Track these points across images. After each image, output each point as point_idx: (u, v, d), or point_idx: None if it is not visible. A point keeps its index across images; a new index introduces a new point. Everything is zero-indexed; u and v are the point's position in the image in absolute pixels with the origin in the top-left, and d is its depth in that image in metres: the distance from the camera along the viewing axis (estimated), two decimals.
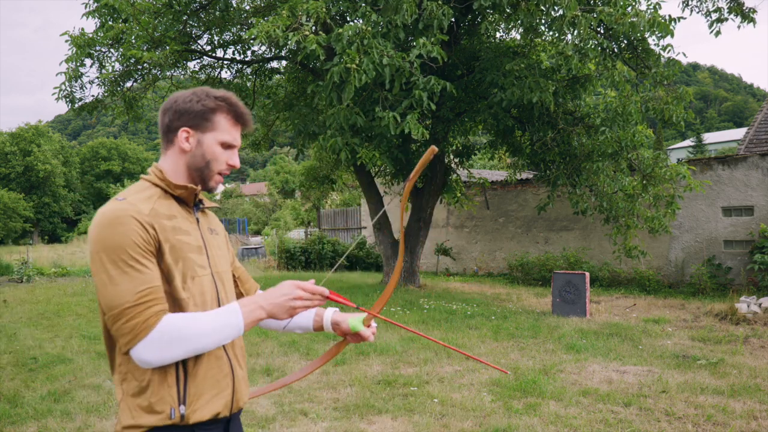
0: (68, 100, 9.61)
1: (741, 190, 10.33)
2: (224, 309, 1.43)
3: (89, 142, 56.88)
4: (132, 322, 1.33)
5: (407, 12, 7.01)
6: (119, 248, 1.35)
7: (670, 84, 8.34)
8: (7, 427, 4.05)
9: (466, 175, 12.60)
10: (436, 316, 7.85)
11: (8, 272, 15.13)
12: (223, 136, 1.54)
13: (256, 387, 3.46)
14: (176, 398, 1.40)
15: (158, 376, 1.39)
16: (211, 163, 1.53)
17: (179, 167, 1.54)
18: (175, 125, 1.52)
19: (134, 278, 1.34)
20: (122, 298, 1.33)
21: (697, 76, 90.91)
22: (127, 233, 1.36)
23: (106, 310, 1.35)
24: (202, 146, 1.52)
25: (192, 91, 1.55)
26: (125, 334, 1.33)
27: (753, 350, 5.92)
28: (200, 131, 1.52)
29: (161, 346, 1.34)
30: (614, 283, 11.14)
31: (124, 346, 1.35)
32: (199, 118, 1.52)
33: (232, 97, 1.55)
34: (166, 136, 1.55)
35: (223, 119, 1.54)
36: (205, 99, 1.53)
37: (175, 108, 1.52)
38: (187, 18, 9.58)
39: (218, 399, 1.47)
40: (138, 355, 1.34)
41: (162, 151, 1.58)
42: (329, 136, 8.07)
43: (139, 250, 1.36)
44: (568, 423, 3.95)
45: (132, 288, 1.34)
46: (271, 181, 47.84)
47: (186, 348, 1.37)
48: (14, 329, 7.48)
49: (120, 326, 1.34)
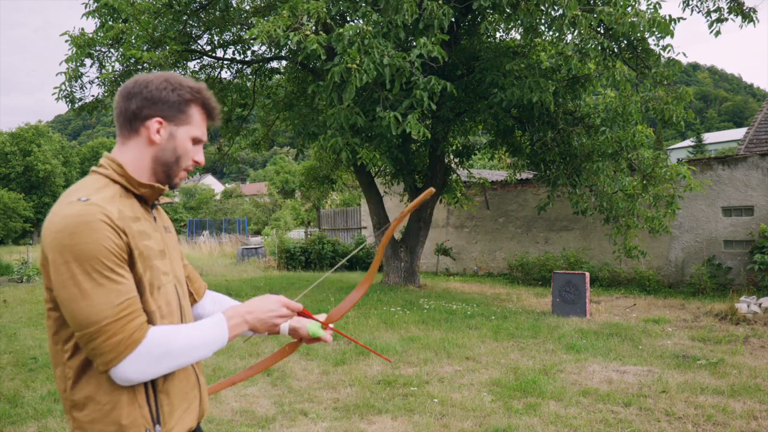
0: (68, 100, 9.61)
1: (741, 190, 10.33)
2: (209, 322, 1.35)
3: (89, 142, 56.90)
4: (114, 339, 1.20)
5: (408, 12, 7.01)
6: (92, 258, 1.20)
7: (670, 84, 8.34)
8: (7, 427, 4.05)
9: (466, 175, 12.60)
10: (436, 316, 7.85)
11: (8, 272, 15.13)
12: (195, 131, 1.43)
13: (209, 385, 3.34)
14: (149, 418, 1.30)
15: (126, 395, 1.27)
16: (181, 158, 1.42)
17: (143, 160, 1.39)
18: (144, 113, 1.37)
19: (111, 290, 1.21)
20: (100, 314, 1.19)
21: (697, 76, 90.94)
22: (99, 240, 1.21)
23: (79, 327, 1.20)
24: (174, 140, 1.40)
25: (164, 77, 1.41)
26: (106, 352, 1.20)
27: (753, 350, 5.92)
28: (174, 123, 1.39)
29: (148, 363, 1.23)
30: (614, 283, 11.14)
31: (104, 365, 1.21)
32: (174, 109, 1.39)
33: (206, 90, 1.45)
34: (129, 124, 1.38)
35: (197, 113, 1.43)
36: (180, 89, 1.40)
37: (145, 94, 1.37)
38: (187, 18, 9.58)
39: (190, 413, 1.41)
40: (121, 374, 1.22)
41: (120, 140, 1.41)
42: (330, 136, 8.08)
43: (113, 258, 1.22)
44: (568, 423, 3.95)
45: (109, 301, 1.20)
46: (271, 181, 47.86)
47: (172, 364, 1.27)
48: (14, 329, 7.47)
49: (99, 345, 1.20)
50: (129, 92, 1.38)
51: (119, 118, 1.40)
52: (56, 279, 1.21)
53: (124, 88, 1.40)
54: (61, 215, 1.23)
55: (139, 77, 1.41)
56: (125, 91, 1.39)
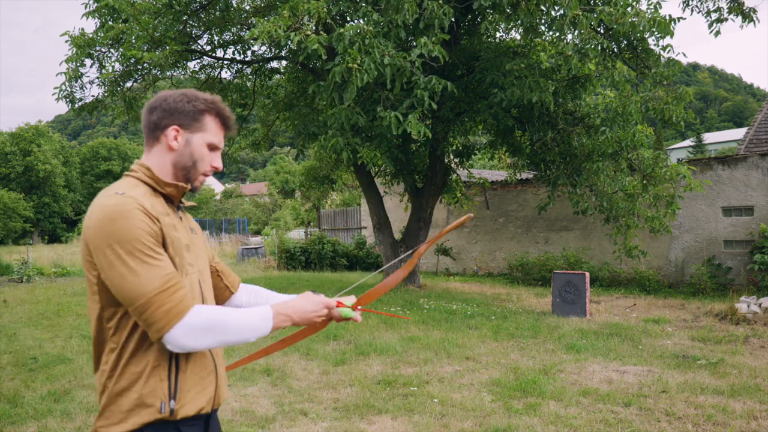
0: (68, 101, 9.60)
1: (741, 190, 10.33)
2: (258, 313, 1.49)
3: (89, 142, 56.86)
4: (163, 308, 1.35)
5: (408, 12, 7.01)
6: (134, 239, 1.36)
7: (670, 84, 8.34)
8: (7, 427, 4.05)
9: (466, 175, 12.60)
10: (436, 316, 7.85)
11: (8, 272, 15.13)
12: (211, 138, 1.59)
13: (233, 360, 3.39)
14: (167, 392, 1.43)
15: (151, 368, 1.42)
16: (198, 163, 1.57)
17: (165, 165, 1.56)
18: (164, 123, 1.55)
19: (154, 266, 1.37)
20: (148, 286, 1.34)
21: (697, 76, 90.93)
22: (138, 225, 1.37)
23: (130, 302, 1.35)
24: (190, 146, 1.56)
25: (181, 92, 1.58)
26: (158, 320, 1.35)
27: (753, 350, 5.93)
28: (189, 131, 1.56)
29: (197, 332, 1.38)
30: (614, 283, 11.14)
31: (157, 332, 1.35)
32: (189, 118, 1.56)
33: (220, 102, 1.61)
34: (152, 134, 1.57)
35: (211, 121, 1.59)
36: (195, 100, 1.57)
37: (164, 106, 1.55)
38: (187, 18, 9.57)
39: (203, 395, 1.51)
40: (173, 340, 1.36)
41: (146, 149, 1.59)
42: (330, 136, 8.08)
43: (151, 240, 1.39)
44: (568, 423, 3.95)
45: (155, 275, 1.36)
46: (271, 181, 47.85)
47: (219, 338, 1.41)
48: (14, 329, 7.48)
49: (150, 314, 1.34)
50: (152, 106, 1.57)
51: (145, 129, 1.58)
52: (103, 262, 1.37)
53: (148, 104, 1.58)
54: (101, 206, 1.40)
55: (161, 93, 1.59)
56: (150, 106, 1.57)
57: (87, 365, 5.62)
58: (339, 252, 15.80)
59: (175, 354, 1.44)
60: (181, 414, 1.45)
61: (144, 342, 1.42)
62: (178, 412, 1.45)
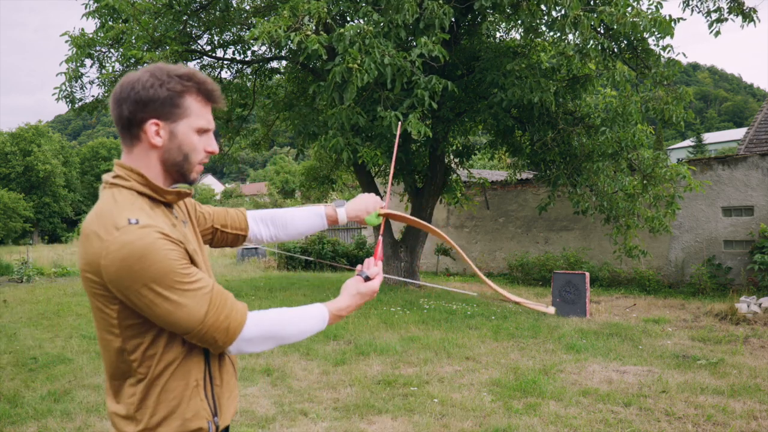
0: (68, 101, 9.61)
1: (741, 190, 10.33)
2: (312, 312, 1.45)
3: (89, 142, 56.87)
4: (222, 326, 1.30)
5: (408, 11, 7.01)
6: (170, 272, 1.23)
7: (670, 84, 8.34)
8: (7, 427, 4.05)
9: (466, 175, 12.60)
10: (436, 316, 7.85)
11: (8, 272, 15.13)
12: (198, 122, 1.35)
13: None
14: (210, 411, 1.39)
15: (191, 390, 1.35)
16: (190, 155, 1.36)
17: (153, 166, 1.35)
18: (138, 117, 1.30)
19: (197, 291, 1.27)
20: (199, 313, 1.27)
21: (697, 76, 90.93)
22: (168, 257, 1.24)
23: (186, 331, 1.28)
24: (176, 138, 1.33)
25: (149, 72, 1.32)
26: (218, 339, 1.31)
27: (753, 350, 5.93)
28: (171, 121, 1.32)
29: (258, 341, 1.36)
30: (614, 283, 11.14)
31: (219, 349, 1.33)
32: (167, 105, 1.31)
33: (198, 73, 1.36)
34: (128, 131, 1.33)
35: (193, 102, 1.34)
36: (168, 81, 1.31)
37: (134, 97, 1.30)
38: (188, 18, 9.58)
39: (233, 399, 1.50)
40: (236, 350, 1.35)
41: (125, 149, 1.36)
42: (330, 136, 8.08)
43: (184, 264, 1.27)
44: (568, 423, 3.95)
45: (201, 300, 1.28)
46: (271, 181, 47.88)
47: (278, 342, 1.40)
48: (14, 329, 7.48)
49: (211, 336, 1.30)
50: (119, 98, 1.32)
51: (118, 126, 1.34)
52: (140, 302, 1.24)
53: (114, 94, 1.33)
54: (120, 243, 1.21)
55: (126, 79, 1.33)
56: (117, 98, 1.32)
57: (87, 365, 5.62)
58: (339, 252, 15.80)
59: (209, 370, 1.40)
60: (222, 426, 1.43)
61: (176, 367, 1.33)
62: (222, 423, 1.43)
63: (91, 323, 7.76)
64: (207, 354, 1.39)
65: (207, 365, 1.39)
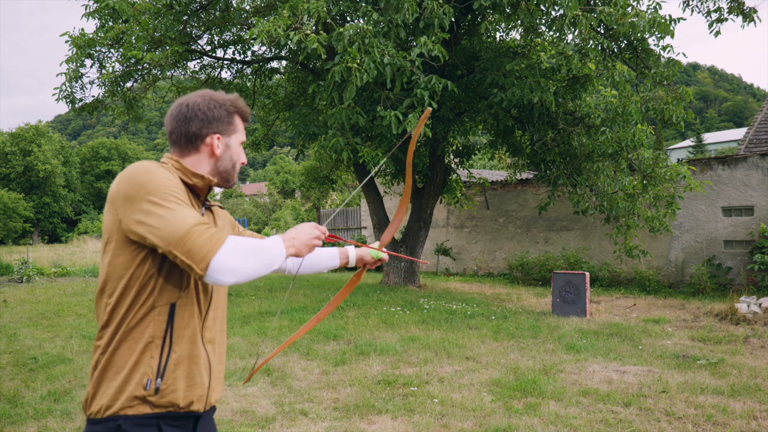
0: (68, 101, 9.61)
1: (741, 190, 10.33)
2: (270, 238, 1.52)
3: (89, 142, 56.88)
4: (205, 236, 1.36)
5: (408, 11, 7.01)
6: (167, 187, 1.42)
7: (670, 84, 8.34)
8: (7, 427, 4.05)
9: (466, 175, 12.60)
10: (436, 316, 7.85)
11: (8, 272, 15.12)
12: (242, 137, 1.69)
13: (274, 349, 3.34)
14: (155, 370, 1.45)
15: (144, 344, 1.45)
16: (237, 163, 1.67)
17: (203, 170, 1.62)
18: (204, 132, 1.60)
19: (188, 209, 1.42)
20: (186, 219, 1.37)
21: (697, 76, 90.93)
22: (170, 179, 1.46)
23: (171, 239, 1.36)
24: (230, 149, 1.65)
25: (209, 97, 1.63)
26: (201, 245, 1.35)
27: (753, 350, 5.92)
28: (227, 135, 1.64)
29: (240, 256, 1.38)
30: (614, 283, 11.13)
31: (203, 260, 1.35)
32: (225, 123, 1.63)
33: (240, 99, 1.68)
34: (190, 144, 1.61)
35: (238, 121, 1.67)
36: (224, 103, 1.64)
37: (201, 116, 1.59)
38: (188, 18, 9.58)
39: (194, 389, 1.52)
40: (221, 264, 1.35)
41: (178, 155, 1.63)
42: (330, 136, 8.08)
43: (183, 195, 1.46)
44: (568, 423, 3.95)
45: (191, 213, 1.40)
46: (271, 181, 47.86)
47: (257, 261, 1.42)
48: (14, 329, 7.47)
49: (193, 243, 1.35)
50: (185, 116, 1.60)
51: (180, 139, 1.61)
52: (139, 213, 1.39)
53: (179, 114, 1.61)
54: (134, 165, 1.47)
55: (185, 101, 1.62)
56: (181, 116, 1.60)
57: (87, 365, 5.62)
58: None
59: (169, 332, 1.47)
60: (168, 398, 1.46)
61: (141, 319, 1.45)
62: (165, 394, 1.46)
63: (91, 323, 7.77)
64: (171, 317, 1.48)
65: (170, 325, 1.48)
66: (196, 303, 1.54)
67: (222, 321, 1.68)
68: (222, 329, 1.68)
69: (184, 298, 1.51)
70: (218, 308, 1.65)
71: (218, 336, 1.64)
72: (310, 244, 1.59)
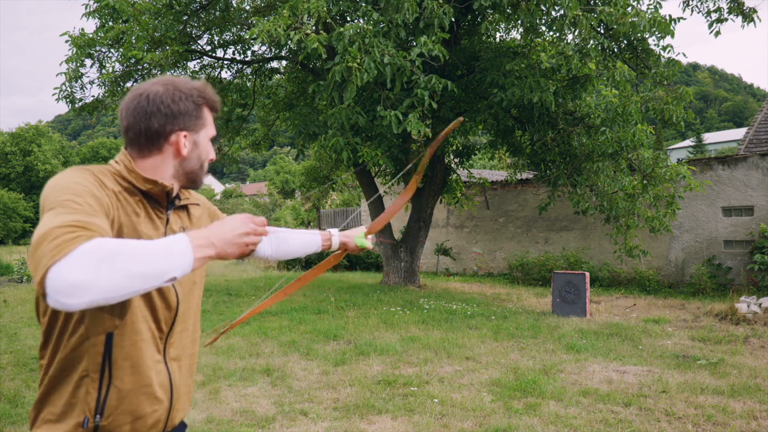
0: (68, 101, 9.61)
1: (741, 190, 10.33)
2: (169, 237, 1.13)
3: (89, 142, 56.89)
4: (56, 241, 1.01)
5: (408, 11, 7.01)
6: (68, 192, 1.14)
7: (670, 84, 8.34)
8: (7, 427, 4.05)
9: (466, 175, 12.60)
10: (436, 316, 7.85)
11: (8, 272, 15.12)
12: (211, 131, 1.44)
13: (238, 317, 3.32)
14: (93, 407, 1.26)
15: (78, 377, 1.26)
16: (205, 162, 1.43)
17: (164, 172, 1.37)
18: (168, 129, 1.34)
19: (73, 211, 1.10)
20: (51, 223, 1.05)
21: (697, 76, 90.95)
22: (80, 182, 1.18)
23: (31, 252, 1.04)
24: (198, 147, 1.40)
25: (172, 86, 1.36)
26: (44, 255, 0.99)
27: (753, 350, 5.93)
28: (195, 131, 1.39)
29: (88, 265, 0.98)
30: (614, 283, 11.13)
31: (41, 270, 0.98)
32: (193, 117, 1.37)
33: (208, 87, 1.43)
34: (151, 142, 1.34)
35: (207, 113, 1.42)
36: (191, 94, 1.37)
37: (164, 110, 1.33)
38: (188, 18, 9.58)
39: (143, 421, 1.33)
40: (59, 277, 0.96)
41: (136, 156, 1.36)
42: (330, 136, 8.08)
43: (89, 197, 1.16)
44: (568, 423, 3.95)
45: (65, 218, 1.07)
46: (271, 181, 47.89)
47: (116, 271, 1.00)
48: (14, 329, 7.47)
49: (39, 253, 1.01)
50: (145, 110, 1.32)
51: (138, 138, 1.34)
52: None
53: (138, 107, 1.33)
54: (55, 176, 1.22)
55: (144, 91, 1.35)
56: (140, 110, 1.33)
57: None
58: None
59: (107, 364, 1.25)
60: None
61: (74, 349, 1.25)
62: (110, 429, 1.28)
63: None
64: (109, 348, 1.26)
65: (107, 357, 1.26)
66: (153, 323, 1.32)
67: (194, 330, 1.47)
68: (194, 339, 1.47)
69: (125, 327, 1.26)
70: (187, 319, 1.43)
71: (189, 347, 1.45)
72: (237, 242, 1.21)
